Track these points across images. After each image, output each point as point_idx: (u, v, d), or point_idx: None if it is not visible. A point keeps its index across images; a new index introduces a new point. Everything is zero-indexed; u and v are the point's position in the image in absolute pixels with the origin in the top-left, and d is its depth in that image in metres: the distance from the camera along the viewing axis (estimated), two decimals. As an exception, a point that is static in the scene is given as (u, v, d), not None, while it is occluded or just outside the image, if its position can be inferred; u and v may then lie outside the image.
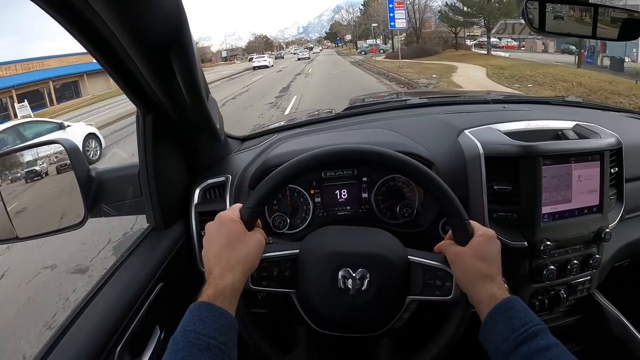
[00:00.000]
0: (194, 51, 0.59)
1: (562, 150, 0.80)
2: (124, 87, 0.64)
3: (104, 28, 0.50)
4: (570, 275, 0.84)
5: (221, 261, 0.52)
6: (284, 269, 0.61)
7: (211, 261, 0.53)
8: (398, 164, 0.60)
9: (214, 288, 0.49)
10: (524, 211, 0.80)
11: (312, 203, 0.85)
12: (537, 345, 0.47)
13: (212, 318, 0.46)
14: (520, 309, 0.52)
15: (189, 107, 0.66)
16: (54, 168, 0.79)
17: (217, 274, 0.51)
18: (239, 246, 0.54)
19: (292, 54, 60.18)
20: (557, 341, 0.48)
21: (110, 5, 0.45)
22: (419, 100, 1.19)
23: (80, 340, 0.57)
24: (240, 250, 0.53)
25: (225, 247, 0.53)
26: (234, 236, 0.54)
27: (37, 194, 0.80)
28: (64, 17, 0.49)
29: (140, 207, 0.79)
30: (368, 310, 0.60)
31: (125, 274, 0.70)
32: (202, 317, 0.46)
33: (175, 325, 0.76)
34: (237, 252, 0.53)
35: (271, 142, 0.99)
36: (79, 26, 0.51)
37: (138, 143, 0.73)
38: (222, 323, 0.47)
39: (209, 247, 0.55)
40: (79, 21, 0.50)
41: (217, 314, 0.47)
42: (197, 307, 0.48)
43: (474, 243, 0.57)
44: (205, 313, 0.47)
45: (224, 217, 0.56)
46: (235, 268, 0.52)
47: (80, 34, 0.52)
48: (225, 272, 0.51)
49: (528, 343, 0.48)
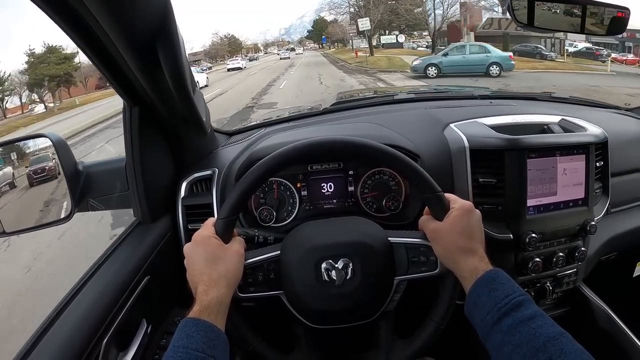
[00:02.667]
0: (180, 43, 0.59)
1: (547, 144, 0.81)
2: (110, 79, 0.64)
3: (91, 19, 0.50)
4: (555, 267, 0.85)
5: (203, 279, 0.54)
6: (269, 272, 0.62)
7: (195, 281, 0.55)
8: (361, 148, 0.61)
9: (199, 304, 0.51)
10: (509, 204, 0.81)
11: (299, 196, 0.86)
12: (520, 315, 0.48)
13: (199, 332, 0.48)
14: (503, 280, 0.52)
15: (175, 100, 0.66)
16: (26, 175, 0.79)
17: (202, 290, 0.52)
18: (218, 262, 0.55)
19: (275, 55, 55.80)
20: (541, 311, 0.49)
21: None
22: (406, 96, 1.20)
23: (66, 333, 0.57)
24: (220, 265, 0.55)
25: (205, 266, 0.55)
26: (212, 253, 0.56)
27: (24, 188, 0.80)
28: (51, 8, 0.49)
29: (127, 201, 0.79)
30: (357, 298, 0.60)
31: (111, 267, 0.70)
32: (189, 332, 0.48)
33: (162, 317, 0.77)
34: (218, 268, 0.55)
35: (258, 136, 0.99)
36: (65, 17, 0.51)
37: (125, 136, 0.73)
38: (210, 336, 0.48)
39: (191, 268, 0.56)
40: (65, 12, 0.50)
41: (203, 328, 0.49)
42: (184, 323, 0.49)
43: (451, 217, 0.58)
44: (192, 328, 0.48)
45: (199, 236, 0.58)
46: (219, 283, 0.53)
47: (67, 25, 0.52)
48: (209, 288, 0.53)
49: (511, 314, 0.48)
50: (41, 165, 0.80)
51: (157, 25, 0.54)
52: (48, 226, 0.77)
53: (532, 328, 0.46)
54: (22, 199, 0.82)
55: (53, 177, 0.80)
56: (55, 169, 0.78)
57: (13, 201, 0.79)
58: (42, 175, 0.79)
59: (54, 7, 0.49)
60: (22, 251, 3.12)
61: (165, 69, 0.58)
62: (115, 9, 0.48)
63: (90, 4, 0.47)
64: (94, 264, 0.72)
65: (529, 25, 0.94)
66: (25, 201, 0.82)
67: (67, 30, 0.52)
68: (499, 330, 0.48)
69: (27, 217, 0.79)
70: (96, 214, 0.83)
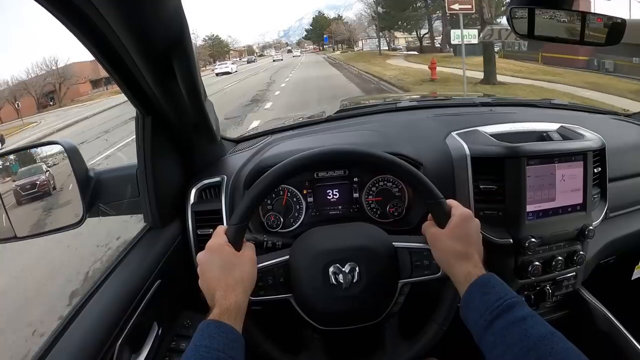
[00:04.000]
0: (194, 54, 0.61)
1: (545, 151, 0.83)
2: (126, 90, 0.66)
3: (109, 32, 0.52)
4: (555, 271, 0.87)
5: (221, 285, 0.55)
6: (278, 276, 0.64)
7: (211, 287, 0.56)
8: (367, 157, 0.63)
9: (219, 307, 0.53)
10: (509, 209, 0.83)
11: (305, 203, 0.88)
12: (512, 317, 0.49)
13: (220, 334, 0.50)
14: (495, 284, 0.54)
15: (188, 109, 0.68)
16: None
17: (220, 296, 0.54)
18: (233, 269, 0.57)
19: (271, 57, 51.42)
20: (533, 312, 0.50)
21: (115, 9, 0.47)
22: (408, 103, 1.22)
23: (81, 336, 0.59)
24: (236, 273, 0.57)
25: (221, 273, 0.56)
26: (227, 261, 0.57)
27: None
28: (69, 20, 0.50)
29: (137, 207, 0.81)
30: (363, 300, 0.63)
31: (124, 271, 0.72)
32: (210, 333, 0.50)
33: (172, 320, 0.79)
34: (234, 275, 0.56)
35: (265, 143, 1.01)
36: (84, 29, 0.52)
37: (137, 143, 0.75)
38: (230, 338, 0.50)
39: (206, 275, 0.58)
40: (84, 24, 0.51)
41: (224, 330, 0.51)
42: (205, 324, 0.51)
43: (451, 224, 0.60)
44: (214, 329, 0.50)
45: (212, 245, 0.59)
46: (236, 288, 0.55)
47: (85, 37, 0.53)
48: (227, 294, 0.54)
49: (503, 316, 0.49)
50: (31, 179, 0.73)
51: (172, 36, 0.56)
52: (59, 231, 0.78)
53: (523, 329, 0.48)
54: (34, 204, 0.83)
55: (46, 193, 0.74)
56: (48, 183, 0.72)
57: (25, 207, 0.80)
58: (32, 191, 0.73)
59: (71, 18, 0.51)
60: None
61: (179, 79, 0.60)
62: (132, 21, 0.50)
63: (108, 15, 0.49)
64: (106, 268, 0.73)
65: (529, 36, 0.96)
66: (36, 205, 0.83)
67: (83, 40, 0.54)
68: (491, 332, 0.50)
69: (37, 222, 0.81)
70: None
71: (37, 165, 0.79)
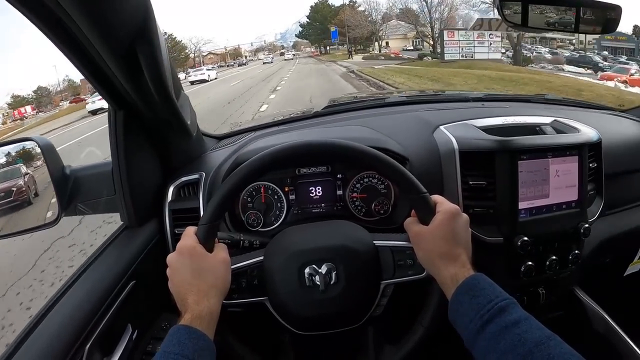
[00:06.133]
0: (160, 47, 0.58)
1: (538, 145, 0.80)
2: (94, 83, 0.63)
3: (70, 22, 0.50)
4: (549, 271, 0.84)
5: (193, 290, 0.53)
6: (252, 278, 0.61)
7: (182, 292, 0.54)
8: (344, 150, 0.60)
9: (191, 313, 0.51)
10: (501, 206, 0.79)
11: (287, 200, 0.85)
12: (504, 321, 0.46)
13: (190, 340, 0.48)
14: (485, 285, 0.51)
15: (157, 104, 0.66)
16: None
17: (193, 301, 0.52)
18: (206, 272, 0.55)
19: (259, 60, 46.23)
20: (527, 315, 0.47)
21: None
22: (398, 99, 1.19)
23: (47, 338, 0.57)
24: (208, 276, 0.55)
25: (193, 278, 0.54)
26: (198, 264, 0.55)
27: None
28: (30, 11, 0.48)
29: (114, 205, 0.79)
30: (342, 303, 0.60)
31: (95, 272, 0.69)
32: (180, 339, 0.48)
33: (149, 323, 0.76)
34: (206, 279, 0.54)
35: (247, 139, 0.98)
36: (45, 20, 0.50)
37: (110, 139, 0.72)
38: (200, 345, 0.49)
39: (176, 279, 0.56)
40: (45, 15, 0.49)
41: (195, 336, 0.49)
42: (176, 330, 0.50)
43: (436, 222, 0.56)
44: (184, 335, 0.49)
45: (182, 247, 0.57)
46: (209, 293, 0.53)
47: (46, 27, 0.51)
48: (200, 299, 0.52)
49: (495, 320, 0.47)
50: (6, 184, 0.67)
51: (136, 29, 0.54)
52: (33, 231, 0.76)
53: (517, 334, 0.45)
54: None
55: (25, 202, 0.69)
56: (28, 189, 0.68)
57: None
58: (7, 200, 0.67)
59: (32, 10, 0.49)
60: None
61: (145, 70, 0.58)
62: (92, 12, 0.48)
63: (68, 7, 0.46)
64: (79, 268, 0.71)
65: (522, 26, 0.93)
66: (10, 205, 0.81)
67: (47, 32, 0.52)
68: (483, 337, 0.47)
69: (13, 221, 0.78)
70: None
71: (15, 168, 0.75)
